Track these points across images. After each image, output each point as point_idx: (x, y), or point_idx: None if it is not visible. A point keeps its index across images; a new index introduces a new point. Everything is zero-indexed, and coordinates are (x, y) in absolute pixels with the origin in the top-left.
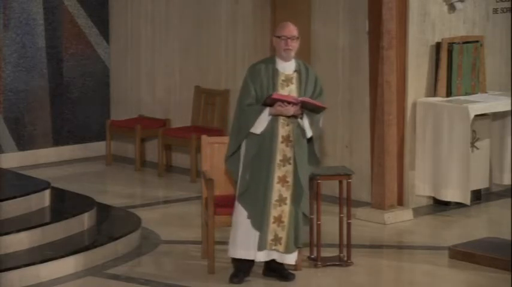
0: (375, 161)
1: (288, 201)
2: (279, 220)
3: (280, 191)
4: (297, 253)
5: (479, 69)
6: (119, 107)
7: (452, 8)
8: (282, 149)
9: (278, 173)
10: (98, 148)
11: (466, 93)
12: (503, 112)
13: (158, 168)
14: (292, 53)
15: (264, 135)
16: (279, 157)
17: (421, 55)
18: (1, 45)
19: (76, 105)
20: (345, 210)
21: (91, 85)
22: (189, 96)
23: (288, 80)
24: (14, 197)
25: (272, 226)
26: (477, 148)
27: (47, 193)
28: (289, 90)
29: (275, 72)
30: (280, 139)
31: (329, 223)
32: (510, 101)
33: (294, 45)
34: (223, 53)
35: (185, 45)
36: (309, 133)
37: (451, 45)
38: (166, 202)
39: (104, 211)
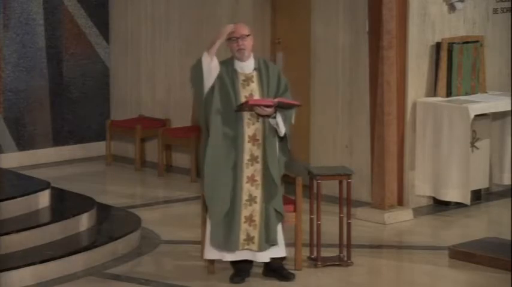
0: (375, 161)
1: (258, 200)
2: (250, 219)
3: (249, 190)
4: (273, 251)
5: (479, 69)
6: (118, 107)
7: (452, 8)
8: (249, 149)
9: (246, 172)
10: (98, 148)
11: (466, 94)
12: (503, 112)
13: (158, 168)
14: (246, 52)
15: (228, 135)
16: (246, 157)
17: (421, 55)
18: (1, 45)
19: (76, 105)
20: (345, 210)
21: (91, 85)
22: (189, 96)
23: (248, 80)
24: (14, 197)
25: (243, 226)
26: (477, 148)
27: (47, 193)
28: (251, 90)
29: (234, 73)
30: (246, 139)
31: (329, 223)
32: (510, 101)
33: (246, 43)
34: (223, 53)
35: (185, 45)
36: (283, 131)
37: (451, 45)
38: (166, 202)
39: (104, 211)
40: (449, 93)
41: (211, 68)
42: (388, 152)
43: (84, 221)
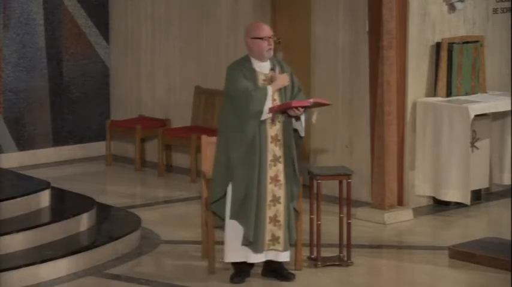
0: (375, 161)
1: (282, 200)
2: (274, 219)
3: (273, 191)
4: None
5: (479, 69)
6: (118, 107)
7: (452, 8)
8: (271, 149)
9: (270, 173)
10: (98, 148)
11: (466, 94)
12: (503, 112)
13: (158, 168)
14: (272, 52)
15: (250, 137)
16: (269, 157)
17: (421, 55)
18: (1, 45)
19: (76, 105)
20: (345, 210)
21: (91, 85)
22: (189, 96)
23: (267, 79)
24: (14, 197)
25: (268, 226)
26: (477, 148)
27: (47, 193)
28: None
29: (253, 73)
30: (269, 139)
31: (329, 223)
32: (510, 101)
33: (273, 43)
34: (223, 53)
35: (185, 45)
36: (303, 132)
37: (451, 45)
38: (166, 202)
39: (104, 211)
40: (449, 93)
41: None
42: (388, 152)
43: (84, 221)
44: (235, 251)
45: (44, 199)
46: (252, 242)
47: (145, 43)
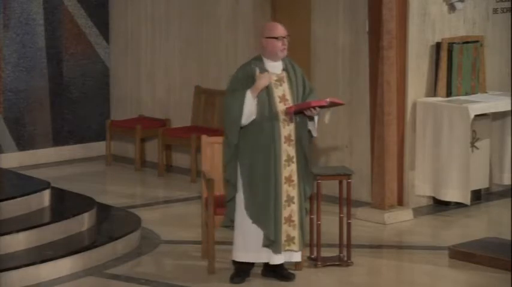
0: (375, 161)
1: (296, 200)
2: (289, 219)
3: (287, 191)
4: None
5: (479, 69)
6: (118, 107)
7: (452, 8)
8: (285, 149)
9: (284, 173)
10: (98, 148)
11: (466, 94)
12: (503, 112)
13: (158, 168)
14: (286, 52)
15: (265, 136)
16: (283, 157)
17: (421, 55)
18: (1, 45)
19: (76, 105)
20: (345, 210)
21: (91, 85)
22: (189, 96)
23: (280, 80)
24: (14, 197)
25: (284, 227)
26: (477, 148)
27: (47, 193)
28: (283, 90)
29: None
30: (283, 139)
31: (329, 223)
32: (510, 101)
33: (287, 43)
34: (223, 53)
35: (185, 45)
36: (316, 132)
37: (451, 45)
38: (166, 202)
39: (104, 211)
40: (449, 93)
41: (253, 109)
42: (388, 152)
43: (84, 221)
44: (254, 253)
45: (44, 199)
46: (274, 241)
47: (145, 43)
